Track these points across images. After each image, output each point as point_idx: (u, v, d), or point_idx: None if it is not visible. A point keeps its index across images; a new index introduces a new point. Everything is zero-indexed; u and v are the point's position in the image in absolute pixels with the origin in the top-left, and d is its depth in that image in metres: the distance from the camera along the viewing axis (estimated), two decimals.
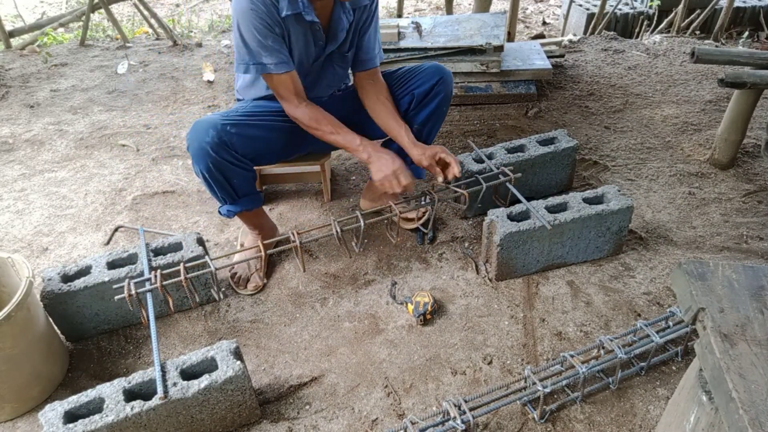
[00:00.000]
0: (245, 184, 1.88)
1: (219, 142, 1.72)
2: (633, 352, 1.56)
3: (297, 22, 1.73)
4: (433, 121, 2.04)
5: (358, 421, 1.58)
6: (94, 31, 5.31)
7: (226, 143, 1.74)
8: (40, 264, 2.20)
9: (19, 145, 3.06)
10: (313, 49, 1.83)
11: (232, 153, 1.77)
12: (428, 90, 1.97)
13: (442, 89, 1.98)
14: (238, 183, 1.85)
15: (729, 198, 2.42)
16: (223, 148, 1.74)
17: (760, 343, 0.91)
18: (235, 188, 1.85)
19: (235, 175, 1.82)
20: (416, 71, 2.00)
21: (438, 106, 2.00)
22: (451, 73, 2.01)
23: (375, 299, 1.98)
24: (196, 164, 1.76)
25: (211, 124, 1.73)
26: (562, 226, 1.92)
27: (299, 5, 1.68)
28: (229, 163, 1.77)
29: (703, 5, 4.90)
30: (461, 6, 6.45)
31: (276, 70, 1.73)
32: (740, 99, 2.46)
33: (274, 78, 1.76)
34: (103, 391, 1.41)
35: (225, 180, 1.81)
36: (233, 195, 1.87)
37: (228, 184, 1.83)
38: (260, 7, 1.64)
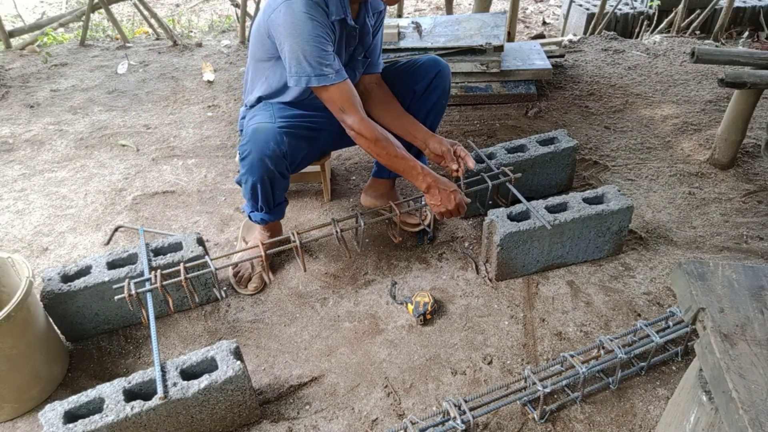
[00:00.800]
0: (283, 192, 1.91)
1: (279, 154, 1.70)
2: (633, 352, 1.56)
3: (340, 27, 1.72)
4: (434, 115, 2.05)
5: (358, 421, 1.58)
6: (94, 31, 5.31)
7: (284, 154, 1.72)
8: (40, 264, 2.20)
9: (19, 145, 3.06)
10: (344, 53, 1.82)
11: (286, 164, 1.77)
12: (427, 85, 1.98)
13: (440, 83, 1.98)
14: (279, 193, 1.88)
15: (729, 198, 2.42)
16: (281, 160, 1.73)
17: (760, 343, 0.91)
18: (275, 197, 1.88)
19: (280, 185, 1.84)
20: (413, 66, 2.00)
21: (437, 100, 2.01)
22: (448, 65, 2.02)
23: (375, 299, 1.98)
24: (250, 174, 1.74)
25: (272, 135, 1.68)
26: (562, 226, 1.92)
27: (342, 10, 1.67)
28: (281, 174, 1.78)
29: (703, 5, 4.90)
30: (461, 6, 6.45)
31: (337, 79, 1.62)
32: (740, 99, 2.46)
33: (334, 89, 1.64)
34: (103, 391, 1.41)
35: (271, 190, 1.82)
36: (271, 204, 1.89)
37: (271, 193, 1.84)
38: (316, 13, 1.58)
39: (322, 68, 1.61)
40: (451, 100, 3.23)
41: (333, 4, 1.65)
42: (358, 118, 1.68)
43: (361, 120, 1.68)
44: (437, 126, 2.11)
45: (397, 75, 2.03)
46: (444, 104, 2.06)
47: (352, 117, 1.68)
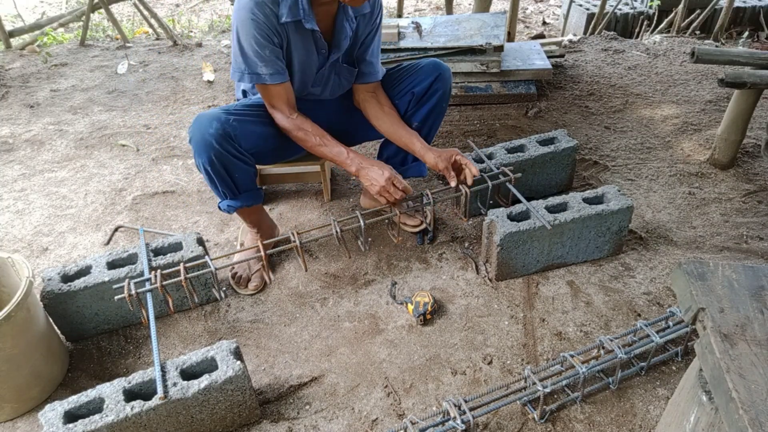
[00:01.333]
0: (247, 179, 1.87)
1: (223, 134, 1.72)
2: (633, 352, 1.56)
3: (297, 30, 1.72)
4: (433, 118, 2.04)
5: (358, 421, 1.58)
6: (94, 31, 5.31)
7: (229, 135, 1.73)
8: (40, 264, 2.20)
9: (19, 145, 3.06)
10: (315, 57, 1.82)
11: (235, 146, 1.76)
12: (427, 87, 1.96)
13: (441, 86, 1.97)
14: (240, 177, 1.84)
15: (729, 198, 2.42)
16: (227, 140, 1.73)
17: (760, 343, 0.91)
18: (237, 183, 1.85)
19: (237, 169, 1.81)
20: (414, 69, 1.99)
21: (437, 103, 2.00)
22: (449, 68, 2.00)
23: (375, 299, 1.98)
24: (198, 156, 1.75)
25: (214, 117, 1.73)
26: (562, 226, 1.92)
27: (299, 12, 1.67)
28: (232, 156, 1.76)
29: (703, 5, 4.90)
30: (461, 6, 6.45)
31: (271, 80, 1.72)
32: (740, 99, 2.46)
33: (269, 88, 1.75)
34: (103, 391, 1.41)
35: (227, 173, 1.80)
36: (234, 190, 1.86)
37: (230, 178, 1.82)
38: (260, 16, 1.63)
39: (256, 67, 1.70)
40: (451, 100, 3.22)
41: (285, 6, 1.65)
42: (284, 115, 1.80)
43: (286, 118, 1.80)
44: (436, 130, 2.10)
45: (397, 77, 2.02)
46: (444, 107, 2.04)
47: (278, 114, 1.81)
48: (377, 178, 1.77)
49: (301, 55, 1.79)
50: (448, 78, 1.99)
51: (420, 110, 2.00)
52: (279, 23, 1.67)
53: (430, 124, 2.05)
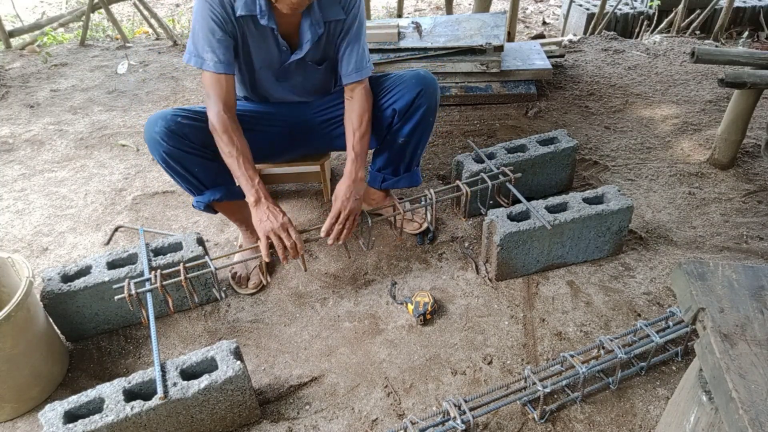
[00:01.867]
0: (209, 173, 1.84)
1: (168, 132, 1.72)
2: (633, 352, 1.56)
3: (254, 25, 1.72)
4: (420, 133, 1.95)
5: (358, 421, 1.58)
6: (94, 31, 5.31)
7: (176, 132, 1.73)
8: (40, 264, 2.20)
9: (19, 145, 3.06)
10: (276, 53, 1.80)
11: (185, 142, 1.75)
12: (409, 103, 1.87)
13: (424, 101, 1.87)
14: (201, 172, 1.82)
15: (729, 198, 2.42)
16: (174, 138, 1.73)
17: (760, 343, 0.91)
18: (199, 178, 1.83)
19: (194, 164, 1.79)
20: (398, 82, 1.89)
21: (422, 118, 1.90)
22: (434, 80, 1.90)
23: (375, 299, 1.98)
24: (152, 154, 1.78)
25: (160, 116, 1.74)
26: (562, 226, 1.92)
27: (255, 7, 1.66)
28: (184, 152, 1.75)
29: (703, 5, 4.90)
30: (461, 6, 6.45)
31: (213, 68, 1.69)
32: (740, 99, 2.46)
33: (208, 75, 1.71)
34: (103, 391, 1.41)
35: (184, 170, 1.79)
36: (198, 185, 1.85)
37: (190, 174, 1.81)
38: (216, 2, 1.65)
39: (203, 51, 1.68)
40: (451, 100, 3.23)
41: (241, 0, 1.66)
42: (215, 108, 1.71)
43: (216, 113, 1.70)
44: (424, 144, 2.02)
45: (382, 90, 1.93)
46: (431, 121, 1.95)
47: (210, 103, 1.72)
48: (271, 219, 1.69)
49: (261, 49, 1.78)
50: (433, 92, 1.89)
51: (404, 126, 1.92)
52: (235, 16, 1.68)
53: (417, 139, 1.97)
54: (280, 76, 1.89)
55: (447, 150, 2.85)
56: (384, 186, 2.12)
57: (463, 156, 2.27)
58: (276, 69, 1.86)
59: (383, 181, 2.11)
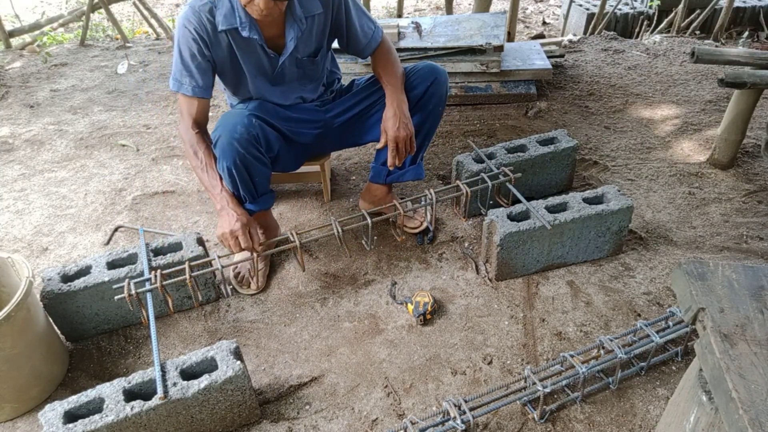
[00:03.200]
0: (265, 182, 1.89)
1: (248, 137, 1.73)
2: (633, 352, 1.56)
3: (238, 36, 1.73)
4: (430, 123, 2.02)
5: (358, 421, 1.58)
6: (94, 31, 5.31)
7: (254, 137, 1.75)
8: (40, 264, 2.20)
9: (19, 145, 3.06)
10: (265, 60, 1.82)
11: (258, 148, 1.78)
12: (422, 93, 1.94)
13: (436, 90, 1.94)
14: (260, 181, 1.86)
15: (729, 198, 2.42)
16: (251, 143, 1.75)
17: (760, 343, 0.91)
18: (257, 186, 1.86)
19: (258, 172, 1.82)
20: (410, 73, 1.96)
21: (434, 108, 1.98)
22: (445, 72, 1.97)
23: (375, 299, 1.98)
24: (223, 159, 1.76)
25: (238, 119, 1.74)
26: (562, 226, 1.92)
27: (235, 20, 1.68)
28: (254, 158, 1.78)
29: (703, 5, 4.90)
30: (461, 6, 6.45)
31: (191, 93, 1.76)
32: (740, 99, 2.46)
33: (183, 98, 1.78)
34: (103, 391, 1.41)
35: (249, 176, 1.81)
36: (254, 193, 1.87)
37: (251, 182, 1.83)
38: (194, 26, 1.68)
39: (182, 77, 1.76)
40: (451, 100, 3.23)
41: (221, 14, 1.67)
42: (186, 125, 1.80)
43: (187, 129, 1.79)
44: (432, 133, 2.07)
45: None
46: (441, 111, 2.02)
47: (182, 122, 1.81)
48: (225, 224, 1.74)
49: (250, 58, 1.80)
50: (444, 82, 1.96)
51: (416, 116, 1.96)
52: (217, 32, 1.70)
53: (427, 129, 2.02)
54: (275, 82, 1.89)
55: (447, 150, 2.85)
56: (389, 180, 2.13)
57: (463, 156, 2.27)
58: (270, 76, 1.86)
59: (388, 175, 2.11)
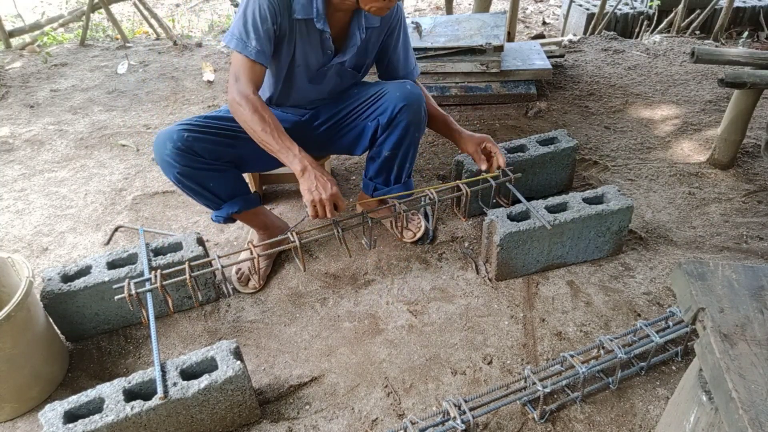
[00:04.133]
0: (225, 186, 1.84)
1: (178, 152, 1.70)
2: (633, 352, 1.56)
3: (307, 27, 1.73)
4: (405, 147, 1.94)
5: (358, 421, 1.58)
6: (94, 31, 5.31)
7: (185, 150, 1.71)
8: (40, 264, 2.20)
9: (19, 145, 3.06)
10: (321, 55, 1.81)
11: (197, 158, 1.73)
12: (391, 117, 1.86)
13: (405, 117, 1.84)
14: (216, 186, 1.81)
15: (729, 198, 2.42)
16: (185, 156, 1.71)
17: (760, 343, 0.91)
18: (215, 192, 1.82)
19: (209, 178, 1.78)
20: (383, 94, 1.88)
21: (405, 133, 1.88)
22: (419, 95, 1.86)
23: (375, 299, 1.98)
24: (166, 176, 1.76)
25: (167, 136, 1.71)
26: (562, 226, 1.92)
27: (312, 11, 1.68)
28: (197, 169, 1.74)
29: (703, 5, 4.90)
30: (461, 6, 6.45)
31: (254, 56, 1.66)
32: (740, 99, 2.46)
33: (246, 61, 1.67)
34: (103, 391, 1.41)
35: (200, 186, 1.78)
36: (216, 200, 1.84)
37: (206, 190, 1.80)
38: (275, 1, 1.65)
39: (249, 38, 1.65)
40: (451, 100, 3.23)
41: (299, 3, 1.67)
42: (244, 92, 1.65)
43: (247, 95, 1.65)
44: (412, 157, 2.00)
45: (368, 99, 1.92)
46: (417, 137, 1.94)
47: (239, 84, 1.67)
48: (322, 187, 1.61)
49: (307, 51, 1.79)
50: (418, 107, 1.85)
51: (389, 138, 1.91)
52: (291, 17, 1.68)
53: (403, 153, 1.95)
54: (314, 79, 1.88)
55: (447, 150, 2.85)
56: (376, 195, 2.12)
57: (463, 156, 2.27)
58: (314, 71, 1.85)
59: (375, 190, 2.11)
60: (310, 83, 1.90)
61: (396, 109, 1.84)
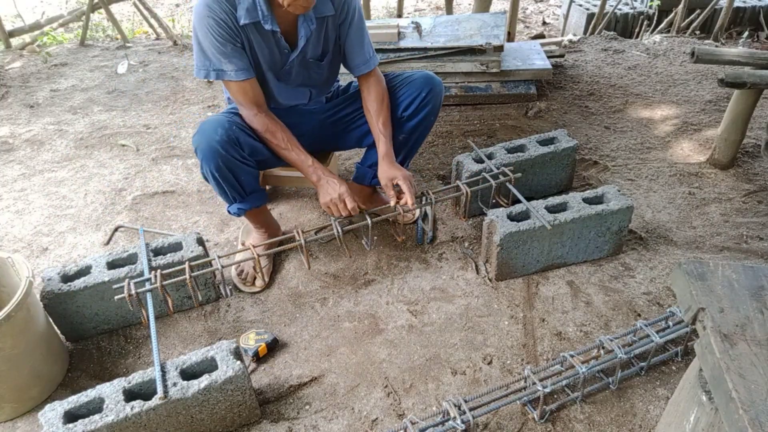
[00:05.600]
0: (252, 181, 1.90)
1: (228, 140, 1.74)
2: (633, 352, 1.56)
3: (258, 31, 1.74)
4: (421, 131, 2.03)
5: (358, 421, 1.58)
6: (94, 31, 5.31)
7: (234, 140, 1.76)
8: (40, 264, 2.20)
9: (19, 145, 3.06)
10: (278, 56, 1.83)
11: (240, 151, 1.79)
12: (418, 101, 1.95)
13: (431, 100, 1.96)
14: (246, 180, 1.87)
15: (729, 198, 2.42)
16: (232, 146, 1.76)
17: (760, 343, 0.91)
18: (243, 186, 1.88)
19: (243, 172, 1.84)
20: (407, 81, 1.98)
21: (426, 117, 1.99)
22: (441, 83, 1.99)
23: (375, 299, 1.98)
24: (206, 164, 1.77)
25: (219, 123, 1.75)
26: (562, 226, 1.92)
27: (258, 14, 1.69)
28: (237, 160, 1.79)
29: (703, 5, 4.90)
30: (461, 6, 6.45)
31: (235, 77, 1.74)
32: (740, 99, 2.46)
33: (233, 85, 1.77)
34: (103, 391, 1.41)
35: (234, 178, 1.83)
36: (242, 193, 1.89)
37: (237, 182, 1.85)
38: (218, 14, 1.66)
39: (220, 64, 1.73)
40: (451, 100, 3.23)
41: (242, 8, 1.67)
42: (251, 113, 1.81)
43: (254, 115, 1.81)
44: (422, 140, 2.09)
45: (390, 87, 2.00)
46: (432, 121, 2.04)
47: (245, 110, 1.83)
48: (333, 189, 1.79)
49: (265, 54, 1.81)
50: (440, 93, 1.98)
51: (408, 122, 1.99)
52: (238, 25, 1.70)
53: (417, 136, 2.04)
54: (281, 77, 1.90)
55: (447, 150, 2.85)
56: (374, 182, 2.13)
57: (463, 156, 2.27)
58: (278, 70, 1.87)
59: (374, 177, 2.11)
60: (280, 81, 1.91)
61: (425, 94, 1.94)
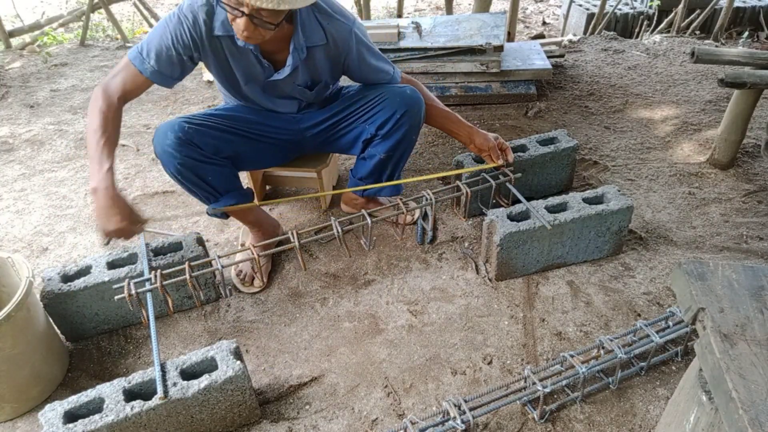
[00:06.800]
0: (223, 180, 1.85)
1: (180, 142, 1.71)
2: (633, 352, 1.56)
3: (233, 43, 1.72)
4: (401, 150, 1.98)
5: (358, 421, 1.58)
6: (94, 31, 5.31)
7: (187, 142, 1.73)
8: (40, 264, 2.20)
9: (19, 145, 3.06)
10: (259, 69, 1.80)
11: (197, 150, 1.75)
12: (392, 121, 1.89)
13: (406, 121, 1.89)
14: (215, 180, 1.83)
15: (729, 198, 2.42)
16: (186, 147, 1.73)
17: (760, 343, 0.91)
18: (213, 186, 1.84)
19: (208, 171, 1.80)
20: (383, 98, 1.91)
21: (404, 137, 1.93)
22: (420, 100, 1.91)
23: (375, 299, 1.98)
24: (165, 168, 1.76)
25: (168, 127, 1.73)
26: (562, 226, 1.92)
27: (232, 28, 1.65)
28: (198, 160, 1.76)
29: (703, 5, 4.90)
30: (461, 6, 6.45)
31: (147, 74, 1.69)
32: (740, 99, 2.46)
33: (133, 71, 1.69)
34: (103, 391, 1.41)
35: (199, 179, 1.79)
36: (213, 192, 1.85)
37: (204, 183, 1.81)
38: (189, 24, 1.65)
39: (148, 56, 1.68)
40: (451, 100, 3.23)
41: (219, 20, 1.67)
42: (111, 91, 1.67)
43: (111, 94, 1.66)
44: (405, 159, 2.04)
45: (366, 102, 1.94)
46: (414, 139, 1.98)
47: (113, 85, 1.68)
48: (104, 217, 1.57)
49: (241, 66, 1.79)
50: (418, 111, 1.90)
51: (386, 141, 1.94)
52: (212, 35, 1.69)
53: (398, 155, 1.99)
54: (267, 89, 1.88)
55: (447, 150, 2.85)
56: (366, 194, 2.13)
57: (463, 156, 2.27)
58: (262, 83, 1.85)
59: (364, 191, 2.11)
60: (265, 93, 1.89)
61: (398, 115, 1.88)
